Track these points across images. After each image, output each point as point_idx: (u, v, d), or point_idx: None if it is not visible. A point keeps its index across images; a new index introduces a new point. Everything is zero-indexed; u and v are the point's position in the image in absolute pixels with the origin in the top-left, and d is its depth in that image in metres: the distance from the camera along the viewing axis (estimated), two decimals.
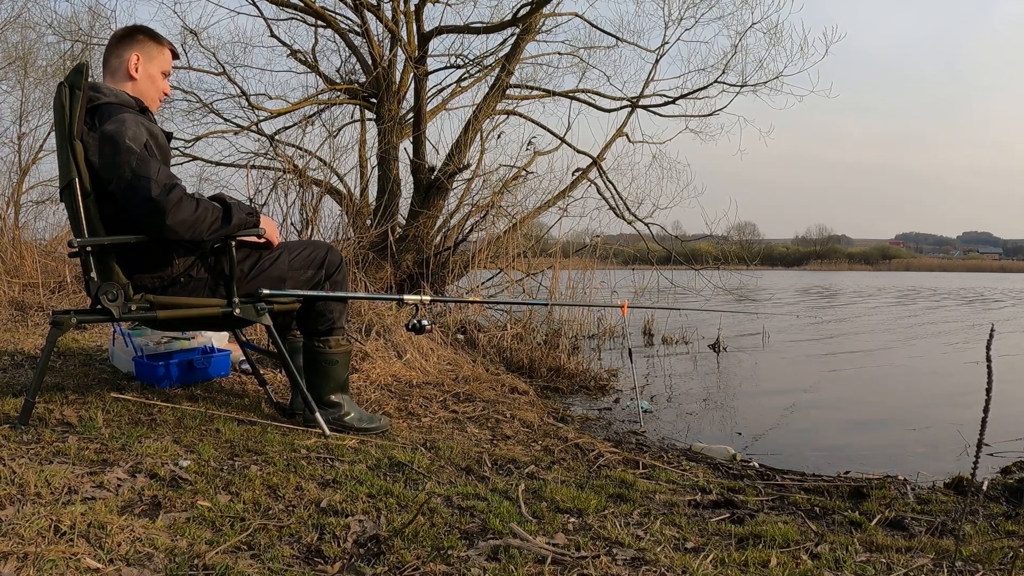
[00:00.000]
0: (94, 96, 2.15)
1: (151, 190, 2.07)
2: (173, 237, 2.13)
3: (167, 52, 2.37)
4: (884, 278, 41.30)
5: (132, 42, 2.30)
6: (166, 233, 2.11)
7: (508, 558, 1.51)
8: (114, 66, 2.29)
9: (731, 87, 7.78)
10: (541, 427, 3.07)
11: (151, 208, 2.08)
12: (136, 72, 2.28)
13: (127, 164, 2.08)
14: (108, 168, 2.10)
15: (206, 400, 2.66)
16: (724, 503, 2.18)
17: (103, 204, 2.16)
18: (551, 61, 8.29)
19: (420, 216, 6.72)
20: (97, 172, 2.12)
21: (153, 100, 2.34)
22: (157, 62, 2.34)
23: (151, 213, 2.08)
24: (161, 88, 2.37)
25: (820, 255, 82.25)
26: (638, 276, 7.69)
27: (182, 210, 2.10)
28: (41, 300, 5.04)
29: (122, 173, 2.08)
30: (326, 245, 2.54)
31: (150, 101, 2.33)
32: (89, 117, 2.13)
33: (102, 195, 2.15)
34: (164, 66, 2.37)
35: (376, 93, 7.23)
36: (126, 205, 2.12)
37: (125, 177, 2.08)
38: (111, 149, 2.09)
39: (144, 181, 2.08)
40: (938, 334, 8.95)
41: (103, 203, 2.16)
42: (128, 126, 2.11)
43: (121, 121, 2.11)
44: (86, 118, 2.13)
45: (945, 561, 1.68)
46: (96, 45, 7.41)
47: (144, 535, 1.44)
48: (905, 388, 5.20)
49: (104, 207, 2.16)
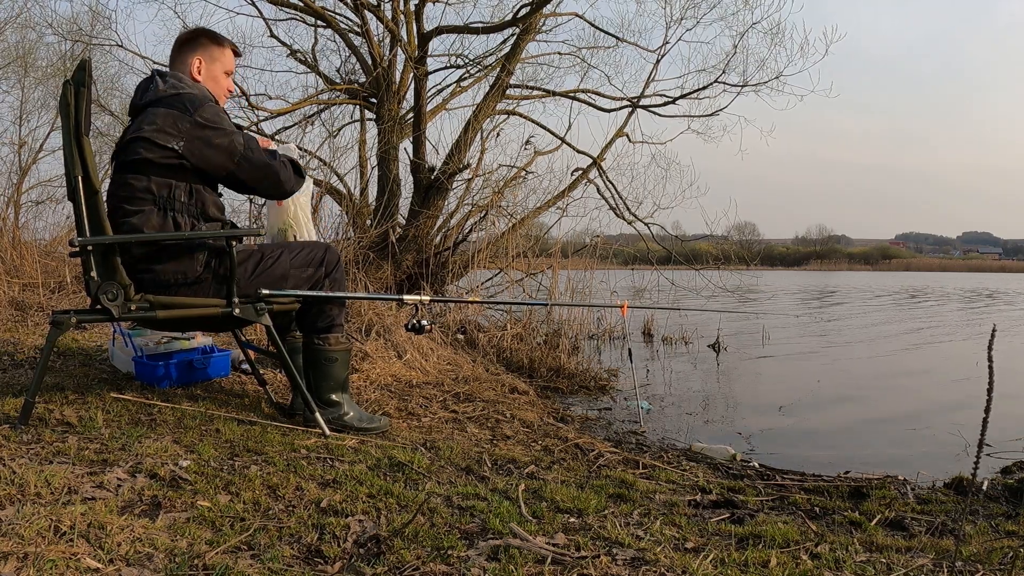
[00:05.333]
0: (178, 85, 2.27)
1: (264, 159, 2.32)
2: (283, 196, 2.48)
3: (228, 52, 2.48)
4: (885, 278, 41.30)
5: (195, 46, 2.41)
6: (280, 193, 2.43)
7: (508, 558, 1.51)
8: (178, 70, 2.39)
9: (732, 87, 7.76)
10: (541, 427, 3.07)
11: (267, 172, 2.34)
12: (199, 75, 2.40)
13: (236, 143, 2.26)
14: (218, 149, 2.23)
15: (206, 400, 2.66)
16: (724, 503, 2.18)
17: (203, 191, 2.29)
18: (551, 61, 8.28)
19: (420, 216, 6.71)
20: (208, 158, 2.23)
21: (219, 98, 2.45)
22: (220, 63, 2.45)
23: (266, 177, 2.35)
24: (225, 87, 2.48)
25: (820, 255, 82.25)
26: (638, 276, 7.69)
27: (284, 170, 2.38)
28: (41, 300, 5.04)
29: (235, 151, 2.27)
30: (324, 244, 2.56)
31: (216, 99, 2.41)
32: (175, 102, 2.22)
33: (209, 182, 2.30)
34: (227, 66, 2.47)
35: (376, 93, 7.23)
36: (243, 175, 2.31)
37: (240, 153, 2.27)
38: (218, 134, 2.23)
39: (257, 152, 2.32)
40: (939, 334, 8.95)
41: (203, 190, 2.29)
42: (222, 114, 2.29)
43: (215, 108, 2.27)
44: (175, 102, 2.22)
45: (945, 561, 1.67)
46: (96, 45, 7.41)
47: (144, 535, 1.44)
48: (905, 388, 5.20)
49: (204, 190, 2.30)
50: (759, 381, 5.38)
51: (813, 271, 65.23)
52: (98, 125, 8.20)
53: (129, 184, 2.21)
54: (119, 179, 2.23)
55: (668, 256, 8.16)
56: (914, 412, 4.29)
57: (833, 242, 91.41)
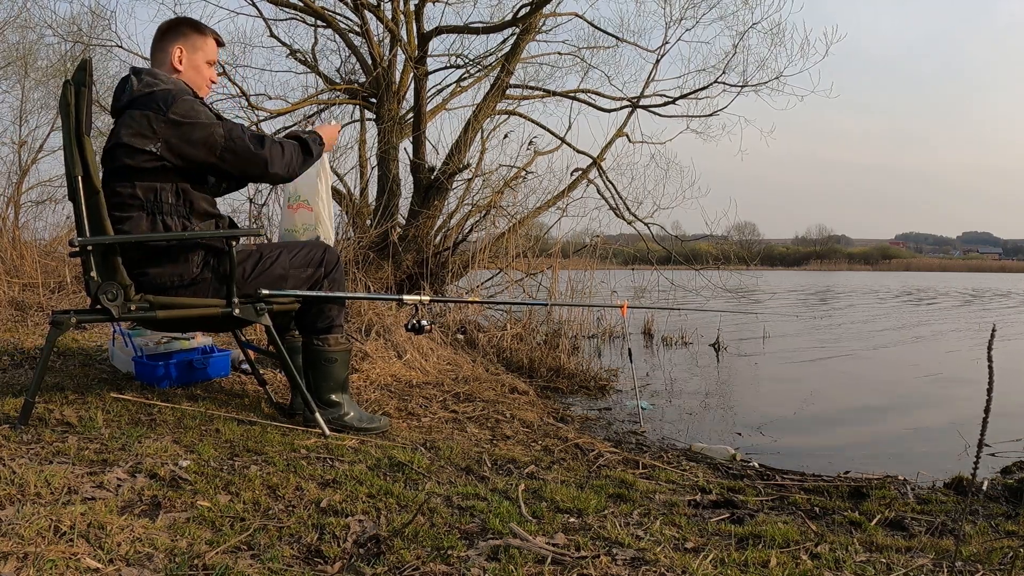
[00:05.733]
0: (152, 82, 2.22)
1: (250, 147, 2.24)
2: (278, 182, 2.35)
3: (211, 41, 2.42)
4: (885, 278, 41.28)
5: (176, 35, 2.37)
6: (272, 179, 2.34)
7: (508, 558, 1.51)
8: (159, 60, 2.36)
9: (732, 87, 7.75)
10: (541, 427, 3.07)
11: (253, 159, 2.26)
12: (180, 64, 2.35)
13: (215, 136, 2.20)
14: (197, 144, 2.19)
15: (206, 400, 2.66)
16: (724, 503, 2.18)
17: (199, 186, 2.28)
18: (551, 61, 8.27)
19: (420, 216, 6.71)
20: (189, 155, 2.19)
21: (200, 88, 2.40)
22: (202, 52, 2.40)
23: (254, 164, 2.27)
24: (207, 76, 2.43)
25: (820, 255, 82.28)
26: (638, 276, 7.69)
27: (276, 154, 2.29)
28: (41, 300, 5.04)
29: (216, 143, 2.21)
30: (323, 244, 2.56)
31: (198, 89, 2.38)
32: (149, 102, 2.18)
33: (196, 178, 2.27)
34: (210, 55, 2.42)
35: (376, 93, 7.22)
36: (227, 166, 2.25)
37: (221, 144, 2.21)
38: (195, 128, 2.18)
39: (240, 141, 2.24)
40: (940, 334, 8.95)
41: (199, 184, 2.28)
42: (198, 106, 2.23)
43: (190, 101, 2.21)
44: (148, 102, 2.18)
45: (945, 561, 1.67)
46: (96, 46, 7.41)
47: (144, 535, 1.44)
48: (906, 388, 5.20)
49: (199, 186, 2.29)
50: (759, 381, 5.38)
51: (813, 271, 65.21)
52: (98, 125, 8.18)
53: (116, 192, 2.21)
54: (108, 188, 2.22)
55: (668, 256, 8.15)
56: (914, 412, 4.29)
57: (833, 242, 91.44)
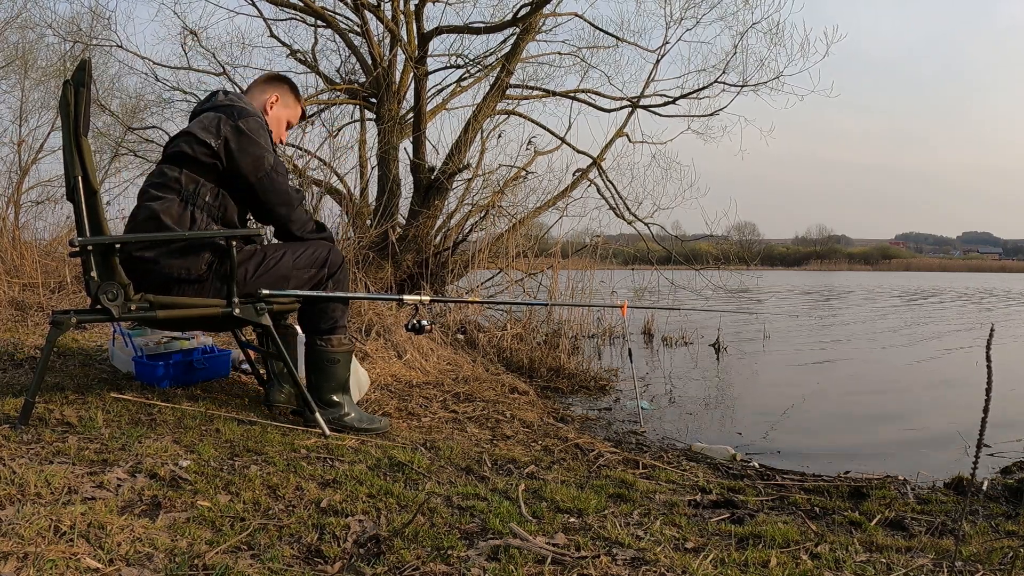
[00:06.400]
0: (237, 99, 2.42)
1: (287, 187, 2.42)
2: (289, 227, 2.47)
3: (300, 109, 2.69)
4: (885, 278, 41.28)
5: (278, 86, 2.63)
6: (286, 222, 2.45)
7: (508, 558, 1.51)
8: (254, 96, 2.58)
9: (732, 87, 7.75)
10: (541, 427, 3.07)
11: (285, 200, 2.42)
12: (270, 109, 2.58)
13: (266, 159, 2.35)
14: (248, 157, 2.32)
15: (206, 400, 2.66)
16: (724, 503, 2.18)
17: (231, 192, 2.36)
18: (551, 61, 8.28)
19: (420, 216, 6.71)
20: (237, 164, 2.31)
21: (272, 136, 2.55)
22: (289, 111, 2.65)
23: (284, 204, 2.42)
24: (281, 133, 2.64)
25: (820, 255, 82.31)
26: (638, 276, 7.69)
27: (301, 210, 2.48)
28: (41, 300, 5.04)
29: (262, 165, 2.35)
30: (327, 245, 2.55)
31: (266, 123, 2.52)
32: (227, 109, 2.35)
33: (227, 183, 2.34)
34: (292, 118, 2.67)
35: (376, 93, 7.22)
36: (260, 191, 2.37)
37: (265, 169, 2.35)
38: (253, 144, 2.32)
39: (282, 178, 2.41)
40: (941, 334, 8.95)
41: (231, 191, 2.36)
42: (264, 133, 2.40)
43: (260, 124, 2.39)
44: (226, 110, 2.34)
45: (945, 561, 1.68)
46: (96, 46, 7.41)
47: (144, 535, 1.44)
48: (906, 388, 5.20)
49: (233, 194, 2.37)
50: (759, 381, 5.39)
51: (813, 271, 65.24)
52: (98, 125, 8.20)
53: (163, 172, 2.33)
54: (158, 168, 2.36)
55: (668, 256, 8.16)
56: (914, 412, 4.29)
57: (833, 242, 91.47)
